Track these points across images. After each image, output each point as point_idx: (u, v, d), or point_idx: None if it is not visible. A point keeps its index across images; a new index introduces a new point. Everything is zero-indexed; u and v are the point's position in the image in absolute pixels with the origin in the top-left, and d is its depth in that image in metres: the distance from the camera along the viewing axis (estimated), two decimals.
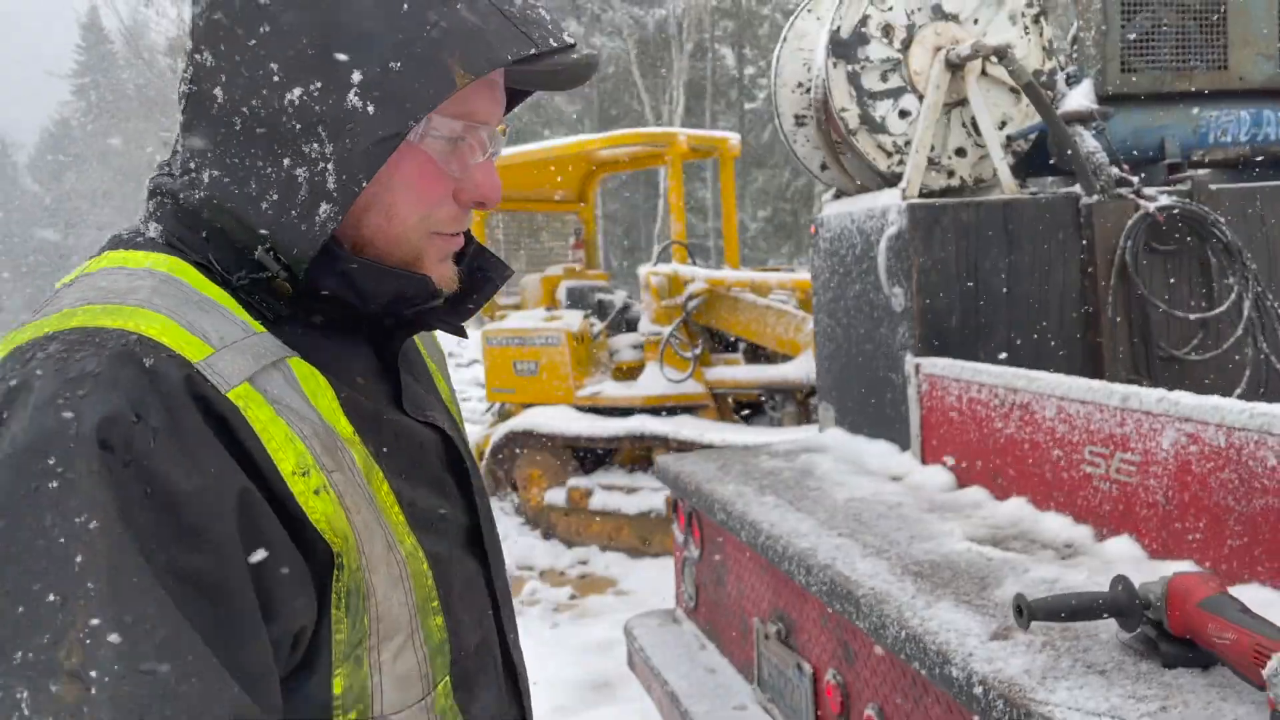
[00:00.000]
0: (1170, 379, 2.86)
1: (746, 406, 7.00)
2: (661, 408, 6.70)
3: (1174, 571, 1.54)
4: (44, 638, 0.66)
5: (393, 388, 0.96)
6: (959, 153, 3.14)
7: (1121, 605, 1.55)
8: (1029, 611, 1.58)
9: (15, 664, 0.66)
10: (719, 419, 6.73)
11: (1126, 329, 2.91)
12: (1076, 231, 2.96)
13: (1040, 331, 2.95)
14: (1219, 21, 3.13)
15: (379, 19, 0.80)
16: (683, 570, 3.29)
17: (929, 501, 2.56)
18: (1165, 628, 1.50)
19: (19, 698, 0.65)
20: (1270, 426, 1.68)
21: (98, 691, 0.66)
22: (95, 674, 0.66)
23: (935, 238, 2.88)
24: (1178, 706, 1.38)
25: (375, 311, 0.91)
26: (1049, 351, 2.93)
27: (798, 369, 6.25)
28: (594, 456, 7.13)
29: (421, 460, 0.95)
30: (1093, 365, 2.94)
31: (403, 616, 0.86)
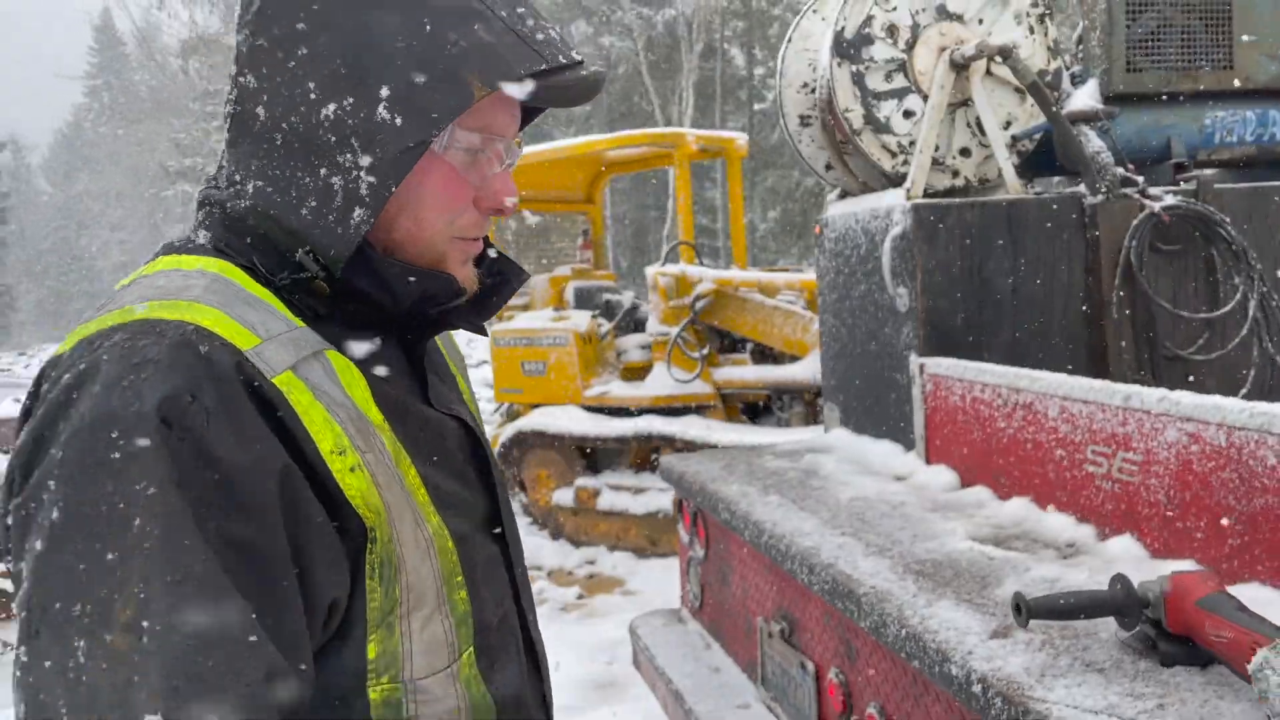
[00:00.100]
0: (1175, 379, 2.86)
1: (754, 407, 7.01)
2: (669, 408, 6.71)
3: (1173, 570, 1.55)
4: (101, 592, 0.73)
5: (419, 383, 1.03)
6: (963, 153, 3.15)
7: (1120, 604, 1.55)
8: (1027, 610, 1.58)
9: (74, 614, 0.73)
10: (726, 419, 6.74)
11: (1131, 329, 2.91)
12: (1081, 231, 2.95)
13: (1045, 332, 2.94)
14: (1225, 21, 3.12)
15: (405, 39, 0.88)
16: (688, 570, 3.30)
17: (932, 501, 2.57)
18: (1164, 626, 1.50)
19: (76, 646, 0.73)
20: (1270, 426, 1.68)
21: (148, 641, 0.73)
22: (147, 625, 0.73)
23: (939, 238, 2.88)
24: (1175, 705, 1.39)
25: (404, 310, 0.98)
26: (1054, 352, 2.93)
27: (805, 369, 6.24)
28: (602, 457, 7.14)
29: (445, 449, 1.01)
30: (1098, 366, 2.94)
31: (430, 588, 0.93)
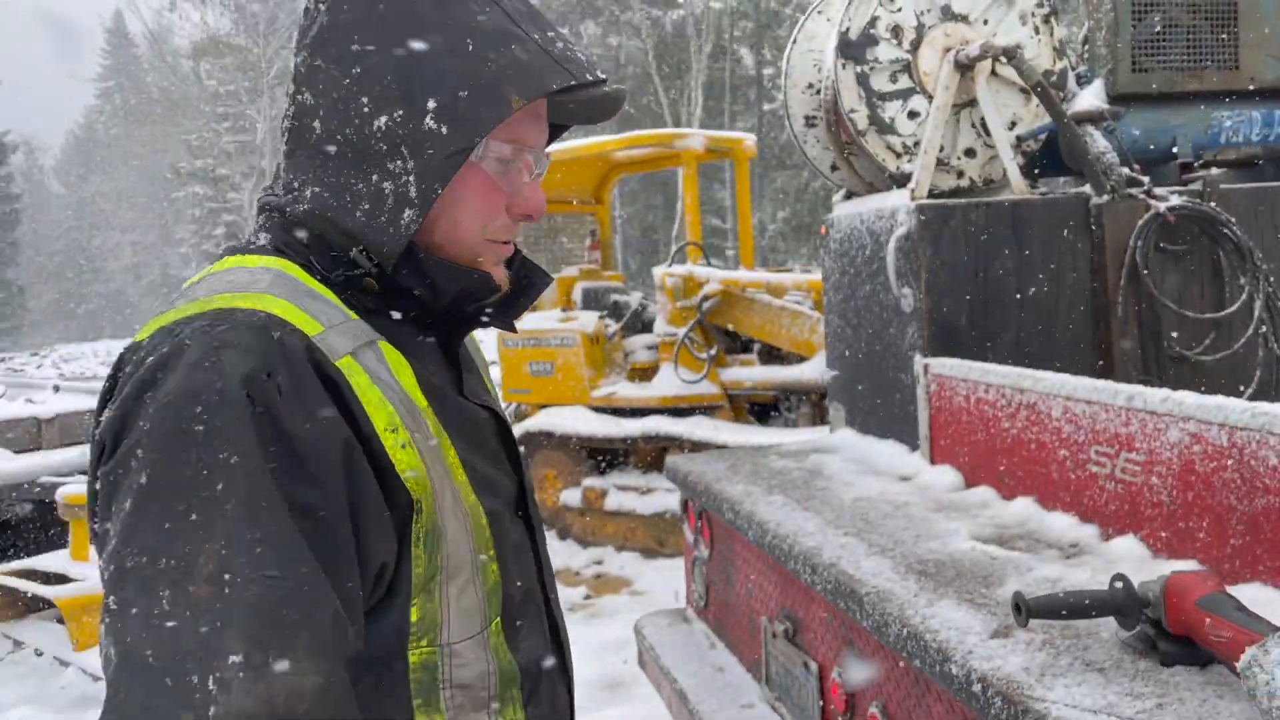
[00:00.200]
0: (1181, 379, 2.85)
1: (762, 408, 7.01)
2: (676, 409, 6.71)
3: (1173, 570, 1.55)
4: (186, 548, 0.82)
5: (455, 375, 1.12)
6: (968, 153, 3.15)
7: (1120, 604, 1.55)
8: (1027, 610, 1.58)
9: (160, 568, 0.82)
10: (734, 420, 6.74)
11: (1137, 329, 2.90)
12: (1087, 232, 2.95)
13: (1050, 332, 2.94)
14: (1230, 21, 3.11)
15: (450, 58, 0.98)
16: (693, 569, 3.30)
17: (936, 501, 2.57)
18: (1164, 626, 1.51)
19: (161, 595, 0.81)
20: (1271, 426, 1.68)
21: (230, 592, 0.81)
22: (228, 577, 0.82)
23: (944, 238, 2.88)
24: (1174, 704, 1.39)
25: (443, 306, 1.07)
26: (1059, 352, 2.93)
27: (813, 370, 6.24)
28: (609, 457, 7.15)
29: (480, 435, 1.11)
30: (1103, 366, 2.93)
31: (466, 558, 1.01)
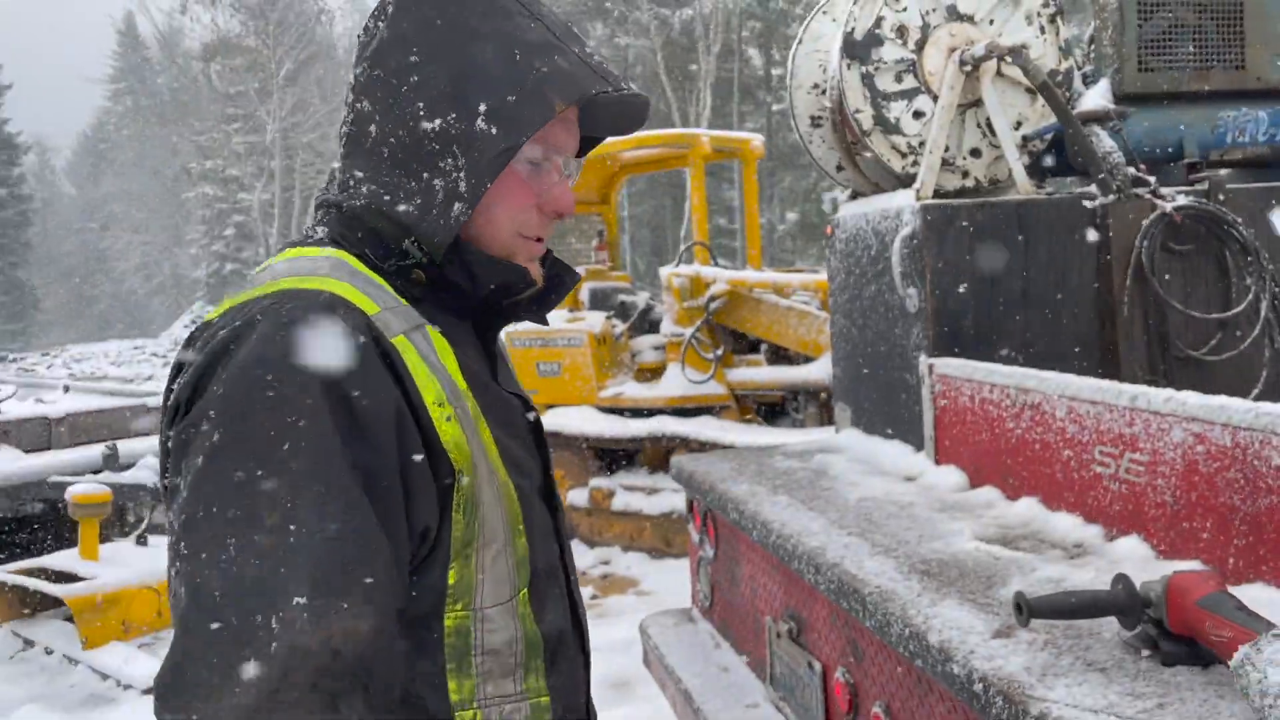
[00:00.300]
0: (1187, 379, 2.84)
1: (770, 408, 7.01)
2: (683, 409, 6.71)
3: (1175, 570, 1.55)
4: (254, 500, 0.90)
5: (490, 366, 1.20)
6: (974, 153, 3.14)
7: (1121, 604, 1.55)
8: (1029, 609, 1.58)
9: (228, 518, 0.90)
10: (741, 420, 6.74)
11: (1143, 330, 2.90)
12: (1093, 232, 2.95)
13: (1055, 332, 2.94)
14: (1236, 21, 3.11)
15: (499, 66, 1.08)
16: (698, 569, 3.31)
17: (940, 501, 2.57)
18: (1165, 626, 1.51)
19: (228, 542, 0.89)
20: (1274, 426, 1.68)
21: (294, 540, 0.90)
22: (293, 527, 0.90)
23: (949, 238, 2.88)
24: (1174, 704, 1.39)
25: (482, 298, 1.15)
26: (1064, 352, 2.92)
27: (820, 370, 6.24)
28: (616, 457, 7.16)
29: (512, 419, 1.18)
30: (1109, 366, 2.93)
31: (499, 529, 1.09)
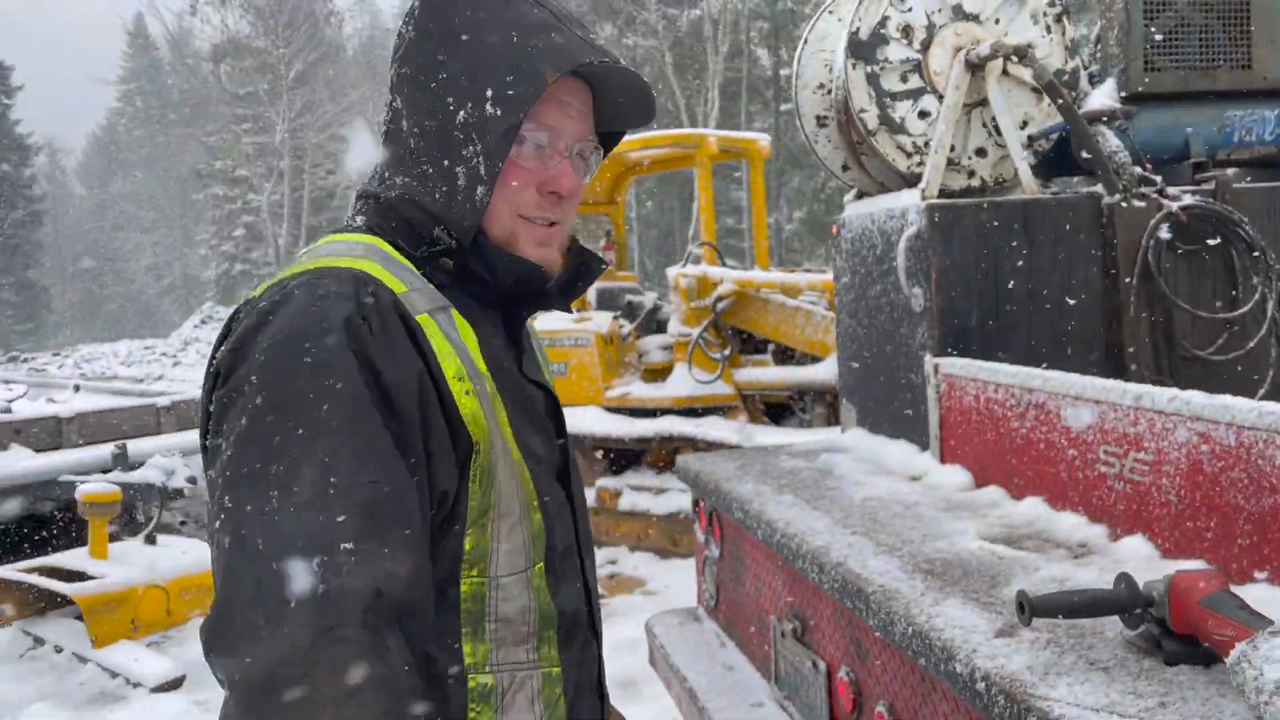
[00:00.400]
0: (1193, 379, 2.84)
1: (777, 408, 7.00)
2: (690, 409, 6.71)
3: (1178, 570, 1.55)
4: (295, 456, 0.98)
5: (515, 355, 1.25)
6: (979, 153, 3.14)
7: (1124, 603, 1.55)
8: (1031, 608, 1.58)
9: (271, 473, 0.97)
10: (748, 420, 6.74)
11: (1149, 329, 2.89)
12: (1098, 231, 2.94)
13: (1061, 332, 2.93)
14: (1243, 20, 3.10)
15: (502, 50, 1.15)
16: (704, 569, 3.31)
17: (945, 501, 2.57)
18: (1168, 625, 1.51)
19: (271, 495, 0.97)
20: (1279, 426, 1.67)
21: (334, 492, 0.97)
22: (334, 480, 0.98)
23: (955, 238, 2.88)
24: (1176, 703, 1.39)
25: (505, 289, 1.21)
26: (1071, 353, 2.92)
27: (827, 370, 6.24)
28: (623, 457, 7.17)
29: (531, 407, 1.24)
30: (1115, 366, 2.92)
31: (515, 502, 1.15)
